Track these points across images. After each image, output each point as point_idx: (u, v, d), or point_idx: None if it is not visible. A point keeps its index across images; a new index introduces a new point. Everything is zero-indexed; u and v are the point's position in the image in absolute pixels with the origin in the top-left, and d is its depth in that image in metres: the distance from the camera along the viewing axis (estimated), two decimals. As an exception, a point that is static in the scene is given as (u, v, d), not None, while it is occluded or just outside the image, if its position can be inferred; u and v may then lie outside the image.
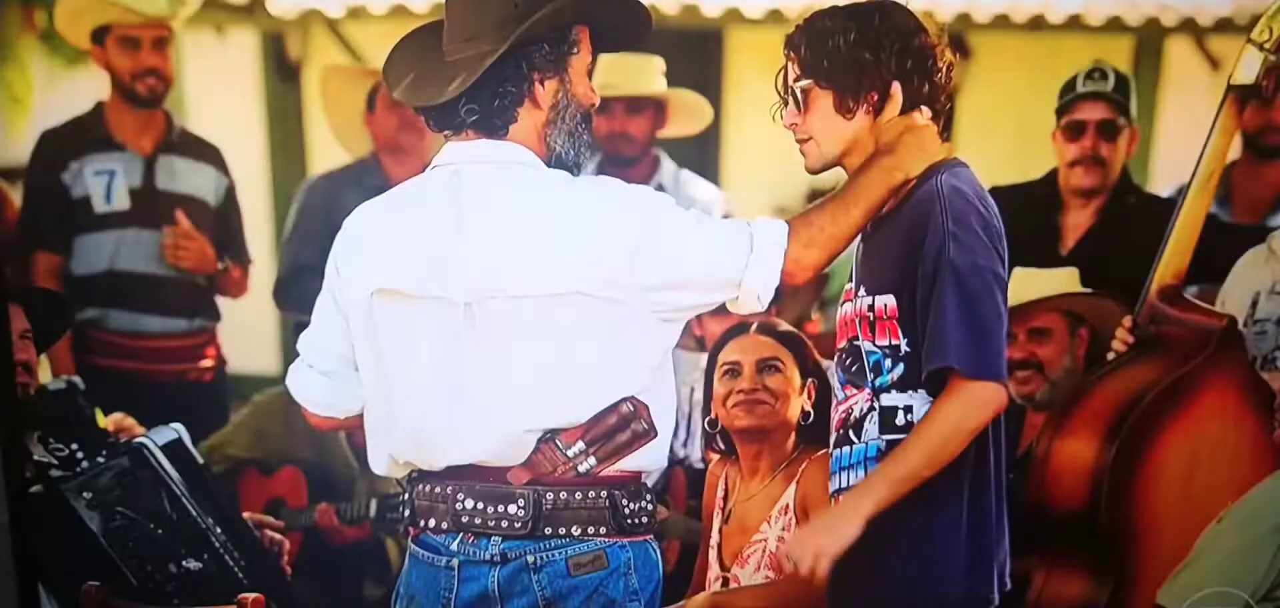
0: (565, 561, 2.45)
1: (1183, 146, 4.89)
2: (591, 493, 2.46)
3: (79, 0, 4.41)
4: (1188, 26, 6.88)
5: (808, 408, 2.95)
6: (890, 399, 2.53)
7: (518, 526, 2.44)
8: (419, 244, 2.46)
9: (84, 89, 4.78)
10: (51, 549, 2.84)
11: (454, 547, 2.48)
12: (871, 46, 2.52)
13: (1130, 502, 3.02)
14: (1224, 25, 6.77)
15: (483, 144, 2.48)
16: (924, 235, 2.49)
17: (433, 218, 2.47)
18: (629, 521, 2.49)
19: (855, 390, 2.58)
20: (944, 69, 2.57)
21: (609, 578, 2.47)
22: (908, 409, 2.52)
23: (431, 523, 2.50)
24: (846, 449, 2.58)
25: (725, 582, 2.96)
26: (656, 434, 2.48)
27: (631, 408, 2.46)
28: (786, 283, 2.46)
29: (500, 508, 2.45)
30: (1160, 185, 5.21)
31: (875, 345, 2.54)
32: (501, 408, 2.43)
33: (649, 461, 2.50)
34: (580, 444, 2.45)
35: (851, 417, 2.58)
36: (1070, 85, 4.01)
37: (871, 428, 2.55)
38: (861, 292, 2.59)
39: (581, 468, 2.45)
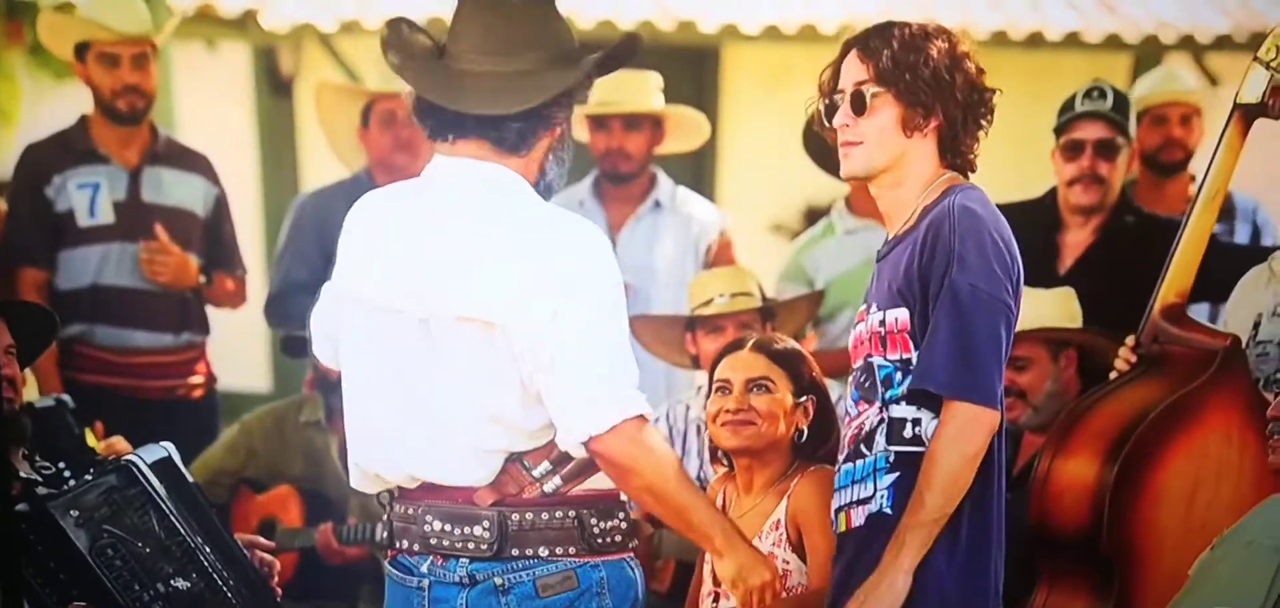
0: (533, 582, 2.45)
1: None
2: (558, 513, 2.46)
3: (59, 17, 4.40)
4: (1186, 44, 6.89)
5: (802, 426, 2.93)
6: (899, 411, 2.55)
7: (484, 547, 2.45)
8: (391, 253, 2.48)
9: (72, 103, 4.75)
10: (37, 568, 2.80)
11: (424, 568, 2.49)
12: (950, 69, 2.55)
13: (1132, 522, 3.00)
14: (1222, 42, 6.79)
15: (477, 164, 2.49)
16: (933, 253, 2.51)
17: (409, 229, 2.49)
18: (599, 540, 2.48)
19: (867, 406, 2.59)
20: (987, 123, 2.61)
21: (580, 599, 2.46)
22: (916, 421, 2.54)
23: (404, 544, 2.51)
24: (857, 463, 2.59)
25: (716, 597, 2.94)
26: None
27: None
28: (591, 449, 2.42)
29: (466, 530, 2.45)
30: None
31: (886, 360, 2.56)
32: (455, 424, 2.44)
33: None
34: (546, 464, 2.45)
35: (863, 431, 2.59)
36: (1069, 104, 4.01)
37: (880, 440, 2.57)
38: (873, 309, 2.60)
39: (547, 488, 2.46)
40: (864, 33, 2.61)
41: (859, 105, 2.56)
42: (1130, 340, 3.20)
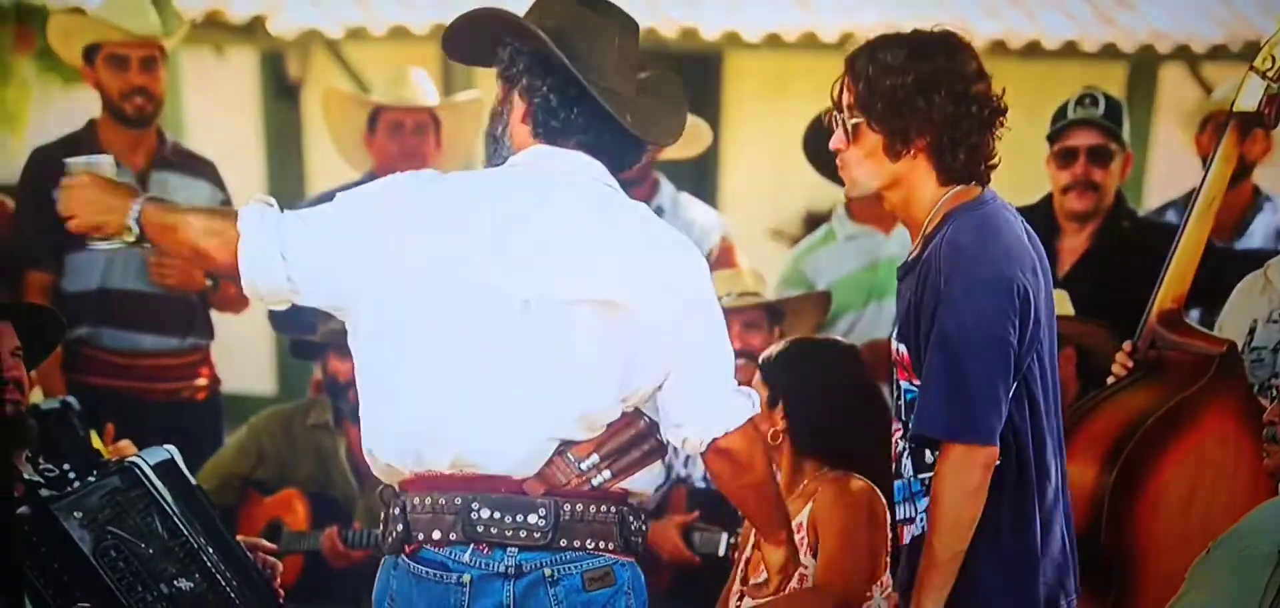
0: (581, 575, 2.44)
1: (1177, 171, 4.92)
2: (604, 507, 2.46)
3: (69, 19, 4.43)
4: (1181, 53, 6.93)
5: (776, 429, 2.99)
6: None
7: (537, 536, 2.43)
8: (497, 232, 2.43)
9: (80, 107, 4.79)
10: (41, 570, 2.81)
11: (466, 559, 2.44)
12: (927, 91, 2.50)
13: (1130, 526, 3.02)
14: (1217, 52, 6.83)
15: (589, 160, 2.49)
16: (924, 295, 2.51)
17: (522, 210, 2.44)
18: (634, 538, 2.50)
19: (898, 425, 2.61)
20: (995, 125, 2.55)
21: (616, 596, 2.47)
22: (934, 447, 2.54)
23: (436, 535, 2.45)
24: (899, 482, 2.61)
25: (742, 596, 2.99)
26: (665, 453, 2.51)
27: (648, 424, 2.48)
28: (717, 446, 2.47)
29: (520, 518, 2.43)
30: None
31: (912, 384, 2.56)
32: (524, 409, 2.41)
33: (648, 481, 2.52)
34: (594, 457, 2.45)
35: (897, 450, 2.62)
36: (1062, 112, 4.03)
37: (907, 465, 2.58)
38: (894, 334, 2.62)
39: (595, 482, 2.45)
40: (856, 51, 2.58)
41: (849, 133, 2.55)
42: (1127, 346, 3.22)
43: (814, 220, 5.83)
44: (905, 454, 2.57)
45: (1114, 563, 3.02)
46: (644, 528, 2.51)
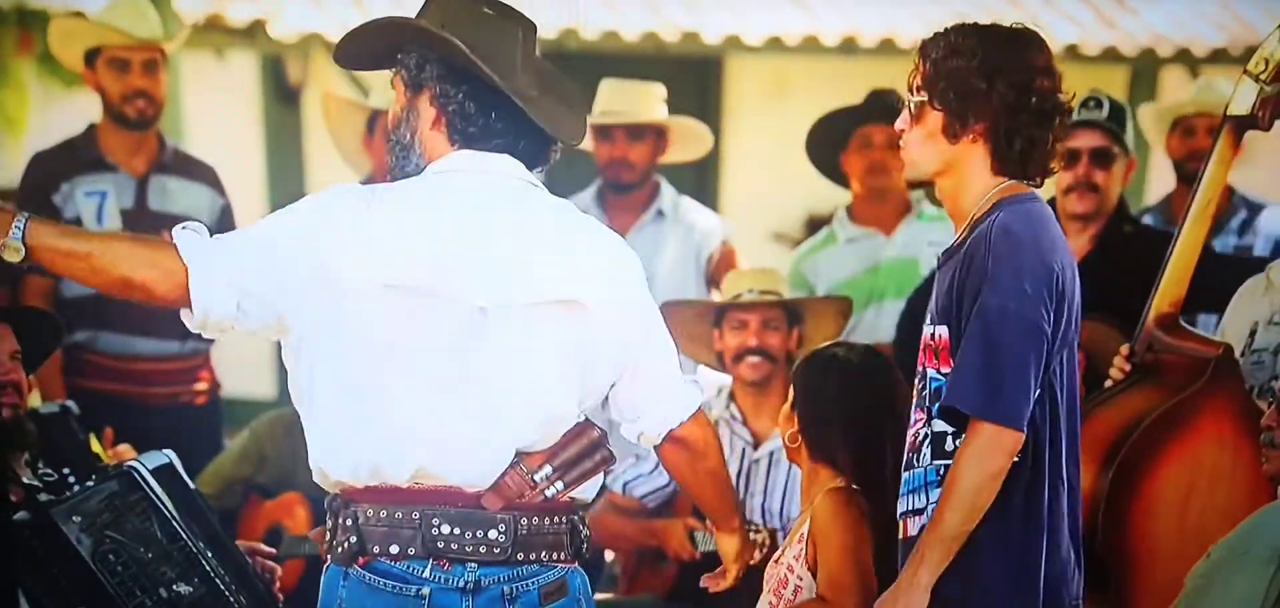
0: (537, 589, 2.45)
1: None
2: (557, 518, 2.47)
3: (71, 23, 4.44)
4: (1182, 57, 6.95)
5: (790, 431, 3.01)
6: (940, 426, 2.57)
7: (497, 551, 2.43)
8: (441, 243, 2.41)
9: (80, 111, 4.80)
10: (40, 574, 2.82)
11: (426, 573, 2.42)
12: (989, 76, 2.53)
13: (1126, 528, 3.03)
14: (1218, 56, 6.85)
15: (510, 161, 2.49)
16: (969, 273, 2.52)
17: (468, 216, 2.43)
18: (583, 544, 2.52)
19: (921, 414, 2.61)
20: (1056, 123, 2.57)
21: (569, 605, 2.48)
22: (956, 436, 2.55)
23: (393, 549, 2.41)
24: (911, 472, 2.62)
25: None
26: (614, 462, 2.53)
27: (600, 433, 2.49)
28: (674, 436, 2.55)
29: (480, 533, 2.42)
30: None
31: (938, 373, 2.57)
32: (487, 419, 2.41)
33: (592, 490, 2.54)
34: (547, 469, 2.45)
35: (915, 441, 2.62)
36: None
37: (926, 453, 2.59)
38: (928, 320, 2.63)
39: (549, 493, 2.46)
40: (930, 36, 2.61)
41: (912, 113, 2.59)
42: (1124, 350, 3.22)
43: (815, 223, 5.83)
44: (925, 442, 2.58)
45: (1110, 565, 3.02)
46: (589, 534, 2.53)
